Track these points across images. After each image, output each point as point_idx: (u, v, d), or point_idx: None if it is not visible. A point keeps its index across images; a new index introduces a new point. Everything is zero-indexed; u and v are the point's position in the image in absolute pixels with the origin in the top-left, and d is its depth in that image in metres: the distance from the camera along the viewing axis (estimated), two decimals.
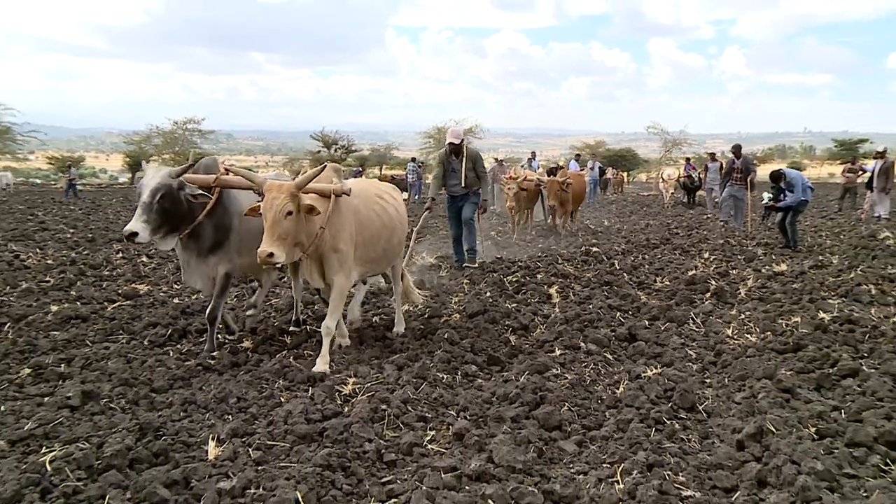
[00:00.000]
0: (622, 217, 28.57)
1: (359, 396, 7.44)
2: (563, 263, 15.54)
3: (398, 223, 9.72)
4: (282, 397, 7.58)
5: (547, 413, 6.99)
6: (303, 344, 9.60)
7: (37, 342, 9.51)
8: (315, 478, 5.68)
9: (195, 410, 7.22)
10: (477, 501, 5.25)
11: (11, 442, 6.46)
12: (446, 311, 11.15)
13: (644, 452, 6.13)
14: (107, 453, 6.07)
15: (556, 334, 9.82)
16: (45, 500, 5.47)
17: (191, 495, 5.52)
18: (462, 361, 8.75)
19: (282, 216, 7.67)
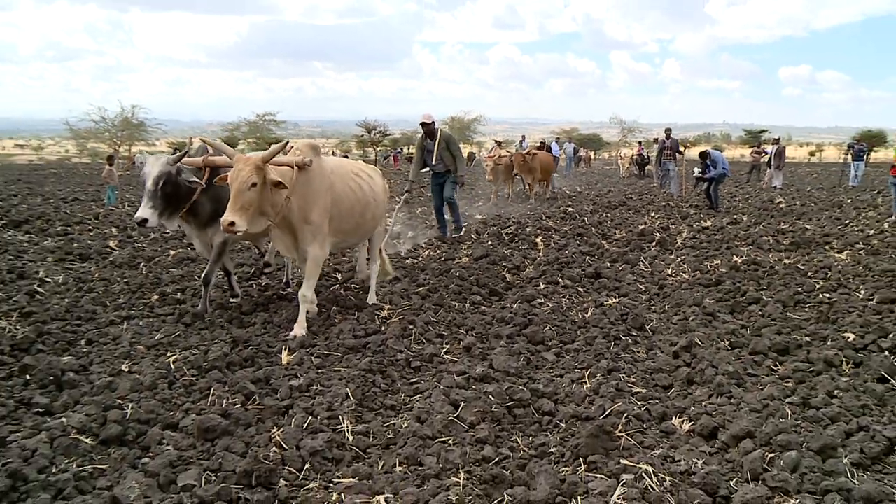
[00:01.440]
0: (590, 185, 28.46)
1: (392, 319, 7.45)
2: (547, 219, 15.49)
3: (372, 199, 8.18)
4: (335, 318, 7.61)
5: (533, 332, 7.03)
6: (350, 280, 9.61)
7: (161, 276, 9.56)
8: (360, 379, 5.72)
9: (272, 328, 7.25)
10: (481, 397, 5.28)
11: (147, 347, 6.60)
12: (458, 256, 11.14)
13: (605, 361, 6.18)
14: (211, 357, 6.14)
15: (540, 273, 9.82)
16: (171, 389, 5.61)
17: (270, 389, 5.59)
18: (470, 293, 8.75)
19: (245, 187, 6.37)
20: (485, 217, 16.44)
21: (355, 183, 7.89)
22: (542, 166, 21.28)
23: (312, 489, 4.07)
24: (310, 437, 4.58)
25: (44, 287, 8.79)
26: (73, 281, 9.12)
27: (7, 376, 5.76)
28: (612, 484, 3.91)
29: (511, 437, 4.77)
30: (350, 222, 7.77)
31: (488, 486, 4.02)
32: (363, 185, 8.03)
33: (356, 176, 8.03)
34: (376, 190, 8.38)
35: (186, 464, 4.36)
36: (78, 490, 4.02)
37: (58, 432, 4.60)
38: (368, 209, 8.08)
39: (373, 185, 8.29)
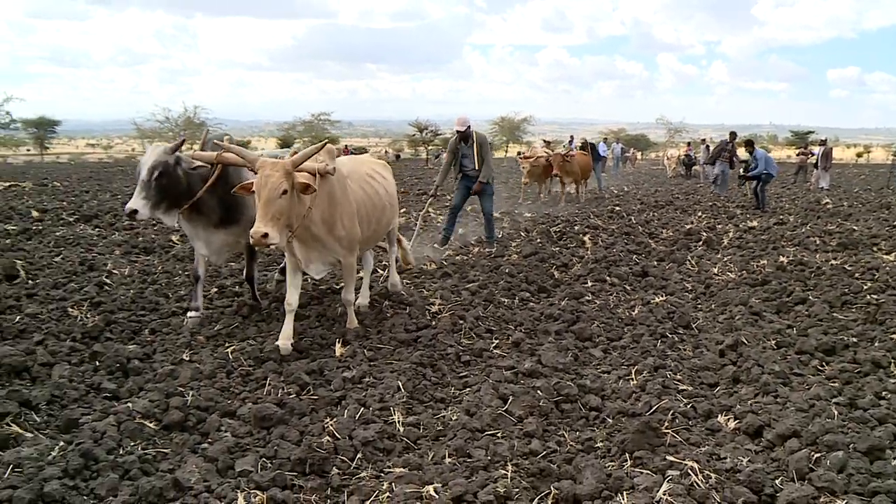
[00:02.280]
0: (637, 185, 28.12)
1: (443, 313, 7.46)
2: (594, 218, 15.36)
3: (387, 203, 7.55)
4: (387, 313, 7.63)
5: (581, 328, 6.99)
6: (403, 273, 9.64)
7: (220, 270, 9.68)
8: (411, 371, 5.75)
9: (326, 321, 7.30)
10: (529, 391, 5.26)
11: (207, 337, 6.69)
12: (507, 253, 11.10)
13: (652, 358, 6.11)
14: (266, 349, 6.20)
15: (588, 270, 9.74)
16: (229, 378, 5.68)
17: (324, 380, 5.63)
18: (519, 289, 8.72)
19: (276, 195, 5.65)
20: (534, 215, 16.36)
21: (371, 187, 7.22)
22: (581, 168, 20.55)
23: (364, 478, 4.10)
24: (362, 427, 4.61)
25: (111, 279, 8.96)
26: (139, 273, 9.28)
27: (79, 362, 5.90)
28: (657, 479, 3.87)
29: (558, 432, 4.74)
30: (368, 229, 7.09)
31: (535, 478, 4.00)
32: (378, 189, 7.35)
33: (371, 179, 7.35)
34: (390, 191, 7.78)
35: (243, 450, 4.42)
36: (142, 472, 4.11)
37: (124, 416, 4.70)
38: (384, 213, 7.49)
39: (387, 187, 7.66)
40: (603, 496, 3.78)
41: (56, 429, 4.66)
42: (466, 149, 11.86)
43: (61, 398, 5.12)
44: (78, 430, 4.55)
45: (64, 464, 4.03)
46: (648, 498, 3.68)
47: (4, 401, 4.82)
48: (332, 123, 65.60)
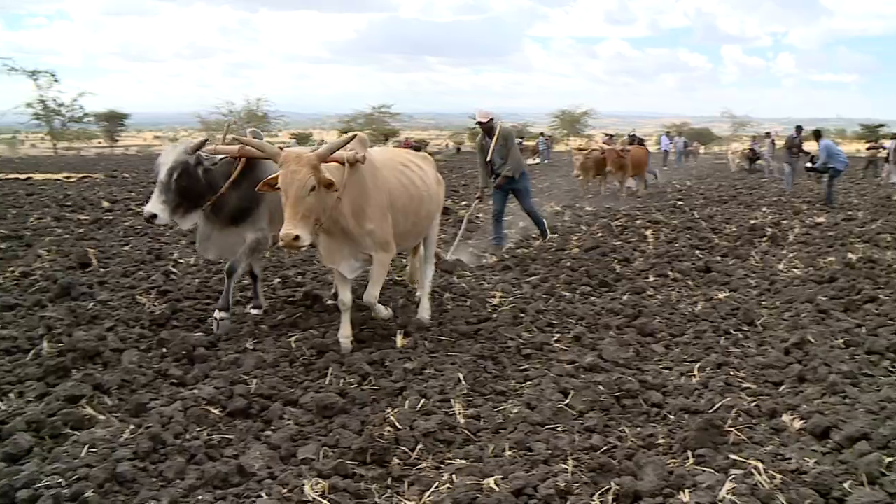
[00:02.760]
0: (700, 179, 27.62)
1: (504, 306, 7.47)
2: (657, 213, 15.17)
3: (426, 194, 6.89)
4: (448, 305, 7.65)
5: (643, 323, 6.92)
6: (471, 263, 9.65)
7: (283, 260, 9.81)
8: (472, 364, 5.76)
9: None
10: (590, 386, 5.23)
11: (270, 327, 6.77)
12: (568, 246, 11.04)
13: (715, 355, 6.02)
14: (328, 340, 6.26)
15: (650, 265, 9.64)
16: (292, 367, 5.76)
17: (385, 371, 5.68)
18: (580, 283, 8.67)
19: (304, 192, 5.27)
20: (595, 209, 16.22)
21: (406, 178, 6.66)
22: (635, 162, 19.83)
23: (424, 469, 4.13)
24: (422, 418, 4.64)
25: (178, 268, 9.16)
26: (203, 262, 9.45)
27: (147, 349, 6.05)
28: (720, 478, 3.81)
29: (619, 427, 4.71)
30: (405, 223, 6.57)
31: (596, 474, 3.98)
32: (415, 180, 6.77)
33: (406, 169, 6.78)
34: (429, 183, 7.06)
35: (306, 438, 4.48)
36: (208, 457, 4.20)
37: (190, 402, 4.80)
38: (423, 206, 6.84)
39: (425, 178, 6.99)
40: (664, 493, 3.74)
41: (126, 412, 4.79)
42: (489, 143, 11.04)
43: (131, 383, 5.26)
44: (147, 415, 4.68)
45: (134, 446, 4.14)
46: (711, 497, 3.63)
47: (80, 384, 4.99)
48: (392, 116, 65.94)
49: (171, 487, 3.84)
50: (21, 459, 4.05)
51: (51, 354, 5.67)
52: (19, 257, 9.67)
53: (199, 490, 3.82)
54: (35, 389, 5.05)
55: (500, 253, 10.78)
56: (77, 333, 6.11)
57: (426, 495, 3.78)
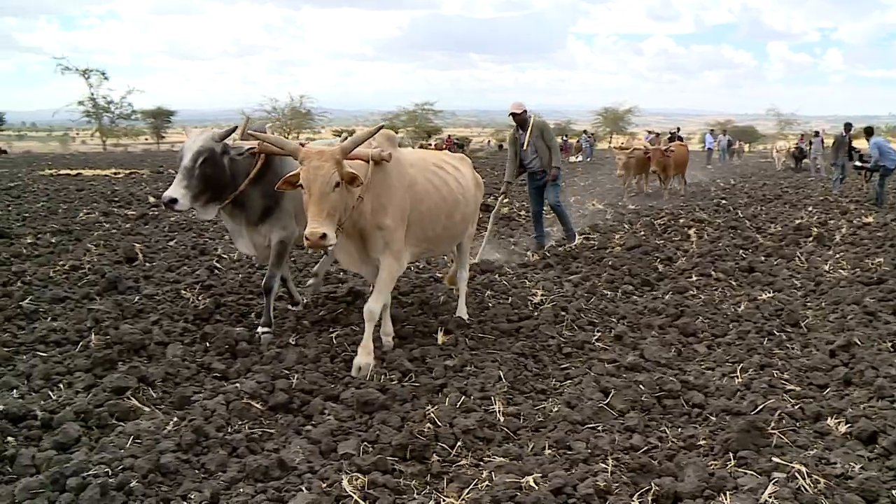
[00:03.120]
0: (744, 178, 27.21)
1: (545, 305, 7.44)
2: (700, 211, 14.98)
3: (461, 197, 6.52)
4: (489, 303, 7.65)
5: (685, 323, 6.85)
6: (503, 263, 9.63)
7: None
8: (512, 362, 5.76)
9: (429, 310, 7.36)
10: (631, 385, 5.19)
11: (312, 322, 6.83)
12: (610, 245, 10.95)
13: (758, 356, 5.93)
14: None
15: (693, 265, 9.52)
16: (333, 363, 5.78)
17: (426, 368, 5.70)
18: (622, 282, 8.60)
19: (328, 188, 5.01)
20: (638, 208, 16.08)
21: (439, 178, 6.32)
22: (677, 161, 19.35)
23: (463, 466, 4.13)
24: (463, 415, 4.64)
25: (221, 263, 9.27)
26: (246, 258, 9.54)
27: (191, 342, 6.14)
28: (762, 481, 3.76)
29: (660, 428, 4.67)
30: (435, 227, 6.25)
31: (636, 474, 3.95)
32: (448, 181, 6.42)
33: (439, 169, 6.43)
34: (465, 185, 6.71)
35: (346, 434, 4.50)
36: (249, 450, 4.25)
37: (233, 396, 4.85)
38: (457, 209, 6.48)
39: (461, 180, 6.65)
40: (705, 495, 3.70)
41: (170, 405, 4.87)
42: (523, 136, 10.54)
43: (175, 376, 5.34)
44: (190, 407, 4.75)
45: (178, 438, 4.21)
46: (753, 500, 3.58)
47: (125, 376, 5.09)
48: (435, 113, 66.03)
49: (212, 479, 3.90)
50: (70, 448, 4.15)
51: (98, 347, 5.77)
52: (69, 251, 9.85)
53: (240, 483, 3.86)
54: (83, 380, 5.16)
55: (541, 252, 10.50)
56: (123, 326, 6.22)
57: (465, 492, 3.78)
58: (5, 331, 6.28)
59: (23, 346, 5.89)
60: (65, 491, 3.58)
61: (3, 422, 4.30)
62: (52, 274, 8.33)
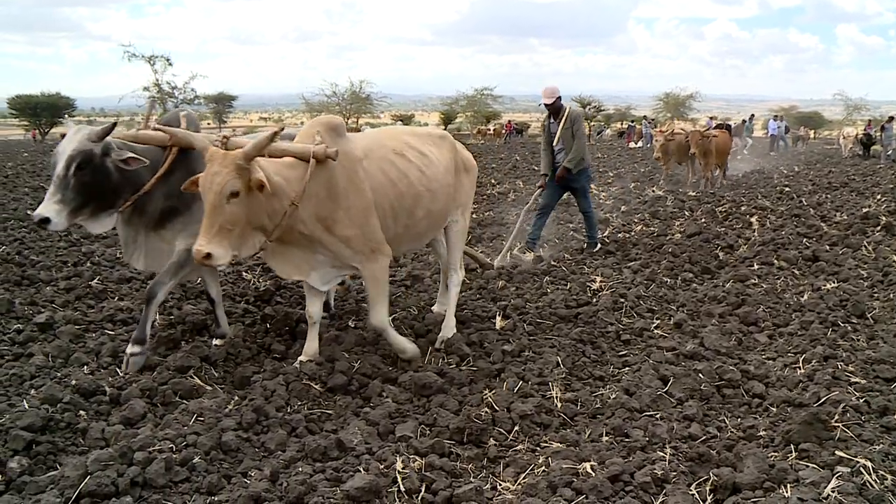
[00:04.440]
0: (809, 165, 26.56)
1: (603, 291, 7.39)
2: (762, 199, 14.67)
3: (425, 190, 5.53)
4: (547, 289, 7.63)
5: (746, 312, 6.72)
6: (562, 249, 9.59)
7: None
8: (570, 348, 5.74)
9: (487, 294, 7.36)
10: (690, 374, 5.13)
11: None
12: (670, 232, 10.83)
13: (822, 347, 5.78)
14: (428, 320, 6.32)
15: (755, 253, 9.33)
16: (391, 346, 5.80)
17: (483, 352, 5.69)
18: (681, 269, 8.50)
19: (223, 199, 4.32)
20: (698, 194, 15.82)
21: (397, 170, 5.38)
22: (720, 149, 17.91)
23: (520, 451, 4.14)
24: (520, 400, 4.65)
25: None
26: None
27: (251, 323, 6.24)
28: (825, 475, 3.68)
29: (719, 417, 4.61)
30: (395, 226, 5.40)
31: (694, 463, 3.92)
32: (410, 172, 5.47)
33: (399, 157, 5.47)
34: (433, 175, 5.67)
35: (403, 416, 4.54)
36: (308, 430, 4.32)
37: (292, 377, 4.93)
38: (419, 205, 5.54)
39: (427, 169, 5.63)
40: (764, 487, 3.64)
41: (231, 384, 4.97)
42: (554, 126, 9.51)
43: (236, 356, 5.44)
44: (250, 387, 4.84)
45: (238, 417, 4.30)
46: (815, 493, 3.51)
47: (188, 355, 5.20)
48: (494, 98, 65.87)
49: (272, 458, 3.98)
50: (136, 424, 4.28)
51: (162, 326, 5.90)
52: None
53: (299, 462, 3.93)
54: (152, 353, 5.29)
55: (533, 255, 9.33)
56: (186, 307, 6.37)
57: (521, 477, 3.80)
58: (76, 309, 6.48)
59: (92, 325, 6.07)
60: (132, 464, 3.69)
61: (75, 396, 4.45)
62: (119, 255, 8.52)
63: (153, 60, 52.53)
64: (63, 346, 5.42)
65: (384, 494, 3.58)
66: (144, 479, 3.62)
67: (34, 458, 3.87)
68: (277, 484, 3.66)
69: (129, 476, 3.59)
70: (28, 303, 6.50)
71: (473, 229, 10.76)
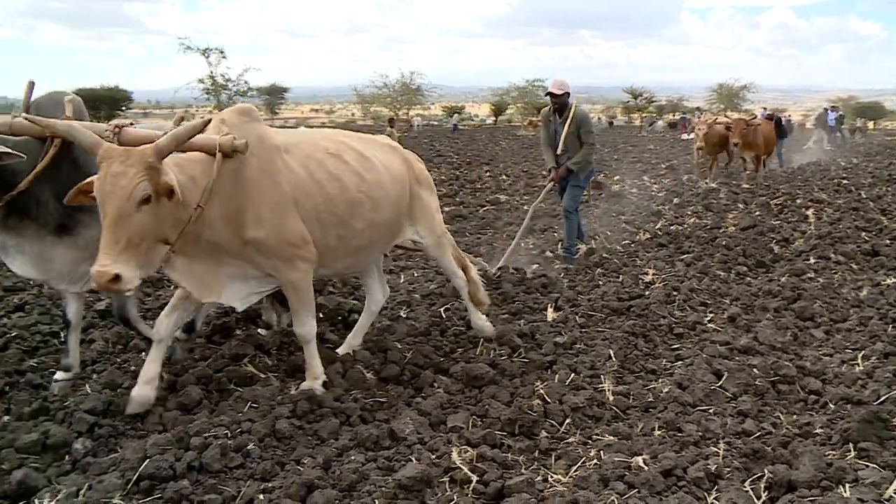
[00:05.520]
0: (869, 157, 25.83)
1: (656, 284, 7.32)
2: (819, 191, 14.32)
3: (363, 196, 4.76)
4: (599, 281, 7.57)
5: (802, 307, 6.59)
6: (614, 242, 9.50)
7: None
8: (622, 340, 5.69)
9: (538, 286, 7.32)
10: (744, 368, 5.05)
11: (422, 296, 6.95)
12: (724, 224, 10.67)
13: (882, 343, 5.64)
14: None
15: (811, 247, 9.14)
16: (443, 336, 5.89)
17: (535, 344, 5.68)
18: (735, 263, 8.37)
19: (131, 207, 3.55)
20: (751, 186, 15.51)
21: (326, 171, 4.62)
22: (765, 140, 16.98)
23: (572, 443, 4.12)
24: (572, 393, 4.62)
25: None
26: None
27: None
28: (886, 476, 3.58)
29: (774, 413, 4.53)
30: (327, 235, 4.63)
31: (748, 459, 3.85)
32: (343, 175, 4.69)
33: (331, 157, 4.71)
34: (374, 180, 4.89)
35: (455, 407, 4.55)
36: (361, 419, 4.34)
37: (347, 366, 4.96)
38: (357, 214, 4.76)
39: (367, 173, 4.86)
40: (822, 486, 3.56)
41: (284, 372, 5.02)
42: (558, 124, 8.54)
43: (289, 345, 5.49)
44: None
45: (292, 405, 4.34)
46: (875, 494, 3.42)
47: (243, 343, 5.29)
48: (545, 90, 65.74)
49: (325, 446, 4.01)
50: (192, 410, 4.36)
51: (217, 315, 5.98)
52: None
53: (351, 451, 3.95)
54: (203, 347, 5.37)
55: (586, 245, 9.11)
56: None
57: (573, 469, 3.77)
58: None
59: (149, 312, 6.18)
60: (189, 449, 3.76)
61: (135, 382, 4.52)
62: None
63: (208, 53, 53.19)
64: (122, 332, 5.54)
65: (435, 484, 3.59)
66: (201, 463, 3.68)
67: (97, 440, 3.99)
68: (330, 472, 3.69)
69: (186, 460, 3.66)
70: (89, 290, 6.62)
71: None
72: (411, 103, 61.74)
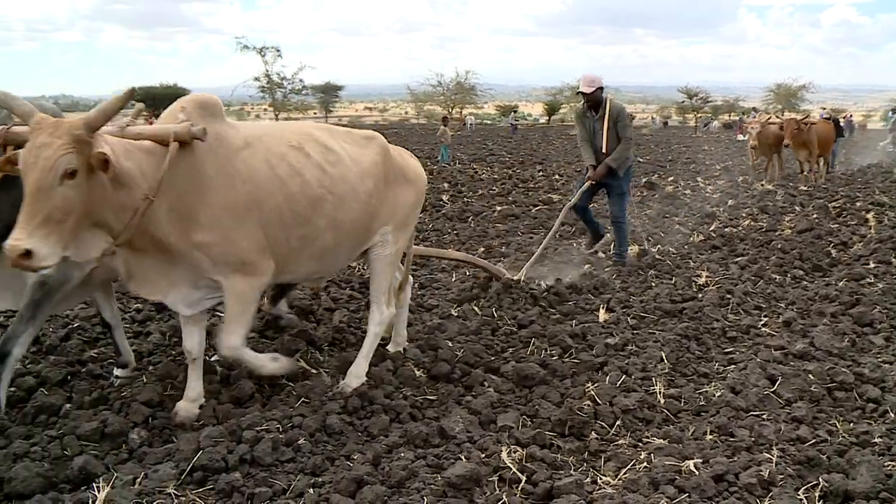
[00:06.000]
0: None
1: (709, 286, 7.21)
2: (880, 194, 13.95)
3: (328, 194, 4.37)
4: (652, 282, 7.50)
5: (861, 312, 6.42)
6: (667, 243, 9.40)
7: (487, 230, 9.99)
8: (675, 343, 5.63)
9: (590, 287, 7.27)
10: (800, 374, 4.95)
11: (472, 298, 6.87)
12: (780, 227, 10.49)
13: None
14: (530, 312, 6.30)
15: (871, 251, 8.90)
16: (493, 336, 5.87)
17: (586, 345, 5.66)
18: (791, 266, 8.21)
19: (53, 180, 3.27)
20: (809, 189, 15.22)
21: (288, 166, 4.24)
22: (820, 140, 16.50)
23: (622, 446, 4.08)
24: (623, 395, 4.58)
25: None
26: None
27: (356, 309, 6.36)
28: None
29: (829, 421, 4.43)
30: (288, 237, 4.28)
31: (802, 467, 3.77)
32: (305, 170, 4.31)
33: (294, 151, 4.33)
34: (340, 176, 4.49)
35: (505, 406, 4.54)
36: (411, 416, 4.37)
37: (398, 364, 4.99)
38: (320, 212, 4.37)
39: (332, 168, 4.46)
40: (880, 497, 3.46)
41: (335, 368, 5.05)
42: (595, 121, 8.19)
43: (340, 341, 5.56)
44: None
45: (343, 401, 4.38)
46: None
47: (295, 338, 5.34)
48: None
49: (375, 443, 4.03)
50: (245, 403, 4.42)
51: (269, 311, 6.05)
52: None
53: (401, 448, 3.97)
54: (255, 341, 5.44)
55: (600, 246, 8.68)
56: (294, 293, 6.49)
57: (622, 472, 3.74)
58: None
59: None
60: (241, 442, 3.82)
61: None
62: None
63: (264, 52, 53.82)
64: (177, 325, 5.62)
65: (484, 483, 3.59)
66: (252, 456, 3.73)
67: (151, 430, 4.10)
68: (379, 468, 3.71)
69: (239, 453, 3.71)
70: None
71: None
72: (465, 102, 61.87)
